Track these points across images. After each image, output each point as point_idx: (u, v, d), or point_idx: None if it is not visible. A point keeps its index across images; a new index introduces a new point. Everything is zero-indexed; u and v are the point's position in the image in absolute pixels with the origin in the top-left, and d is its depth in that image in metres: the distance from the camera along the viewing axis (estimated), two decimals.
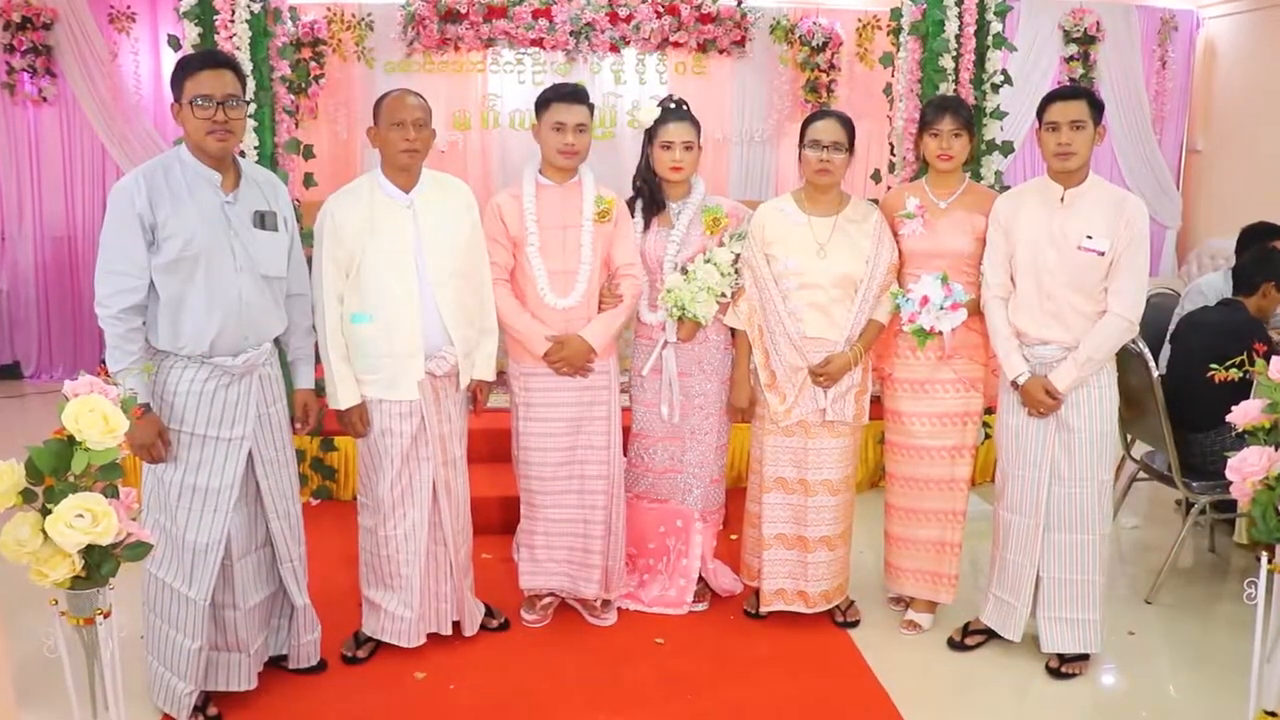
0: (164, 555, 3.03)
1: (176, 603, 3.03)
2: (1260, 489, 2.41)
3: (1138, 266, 3.33)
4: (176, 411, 2.99)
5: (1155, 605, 4.13)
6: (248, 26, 4.62)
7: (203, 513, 3.01)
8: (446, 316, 3.38)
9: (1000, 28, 5.05)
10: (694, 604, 3.94)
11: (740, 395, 3.78)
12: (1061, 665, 3.57)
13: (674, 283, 3.67)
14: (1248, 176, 7.73)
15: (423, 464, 3.44)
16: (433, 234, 3.37)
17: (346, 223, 3.31)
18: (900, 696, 3.41)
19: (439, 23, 7.12)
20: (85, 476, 2.16)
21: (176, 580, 3.02)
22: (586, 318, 3.62)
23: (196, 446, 3.00)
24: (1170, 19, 8.16)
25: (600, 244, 3.63)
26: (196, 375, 2.99)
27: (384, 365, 3.35)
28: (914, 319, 3.53)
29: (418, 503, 3.45)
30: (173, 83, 3.03)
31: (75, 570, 2.17)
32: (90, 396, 2.14)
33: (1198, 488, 4.11)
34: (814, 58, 7.78)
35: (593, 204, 3.61)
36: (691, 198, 3.79)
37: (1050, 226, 3.39)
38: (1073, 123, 3.31)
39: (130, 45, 7.22)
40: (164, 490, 3.02)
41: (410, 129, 3.32)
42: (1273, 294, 4.30)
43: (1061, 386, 3.37)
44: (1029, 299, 3.46)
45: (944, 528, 3.79)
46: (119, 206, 2.93)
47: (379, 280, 3.31)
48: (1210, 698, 3.44)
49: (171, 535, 3.01)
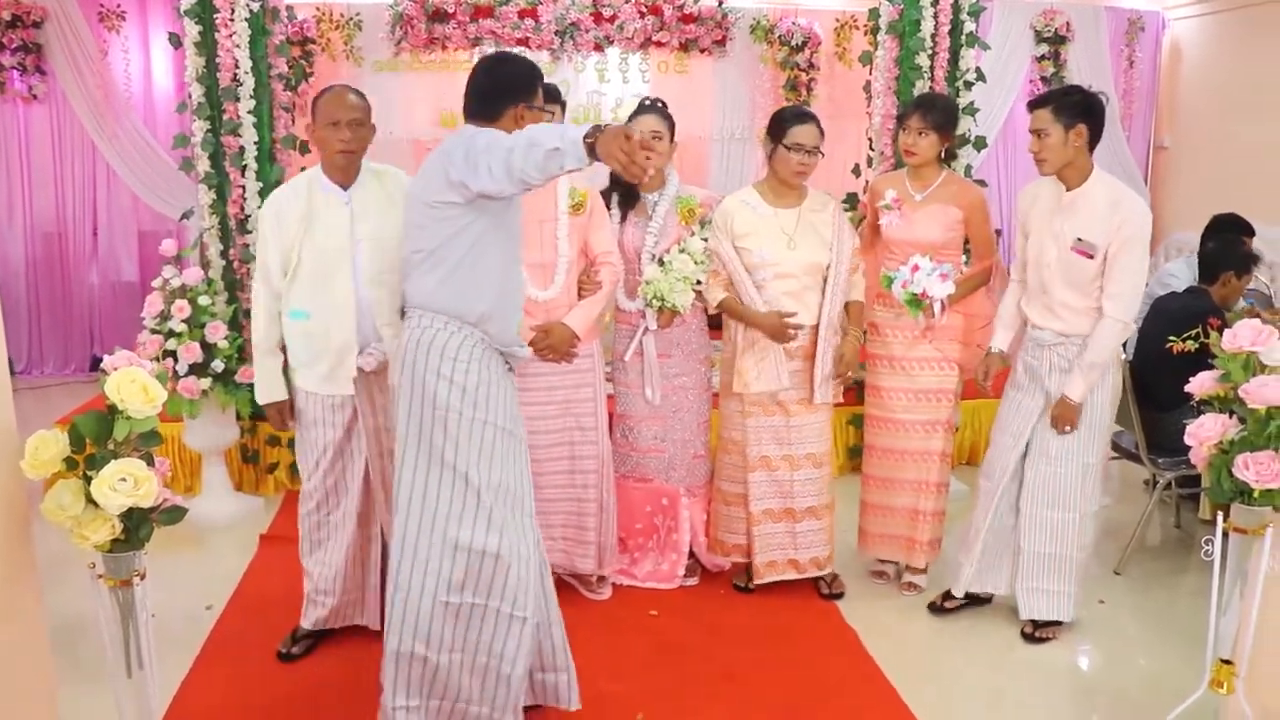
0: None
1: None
2: (1215, 453, 2.60)
3: (1132, 268, 3.44)
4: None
5: (1124, 576, 4.34)
6: (247, 25, 4.74)
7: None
8: (378, 313, 3.35)
9: (974, 27, 5.24)
10: (685, 578, 4.11)
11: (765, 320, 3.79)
12: (1035, 630, 3.77)
13: (652, 274, 3.83)
14: (1212, 172, 7.96)
15: (356, 456, 3.45)
16: (371, 231, 3.33)
17: (286, 220, 3.31)
18: (885, 660, 3.60)
19: (427, 22, 7.25)
20: (125, 444, 2.30)
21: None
22: (568, 306, 3.69)
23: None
24: (1137, 20, 8.39)
25: (576, 235, 3.71)
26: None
27: (322, 360, 3.35)
28: (906, 285, 3.71)
29: (346, 493, 3.48)
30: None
31: (115, 533, 2.31)
32: (131, 369, 2.28)
33: (1164, 464, 4.32)
34: (793, 57, 7.95)
35: (567, 197, 3.69)
36: (666, 189, 3.93)
37: (1053, 224, 3.56)
38: (1038, 131, 3.47)
39: (120, 43, 7.30)
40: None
41: (345, 129, 3.26)
42: (1233, 283, 4.51)
43: (1075, 396, 3.53)
44: (1034, 290, 3.66)
45: (918, 496, 4.01)
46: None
47: (316, 277, 3.31)
48: (1173, 658, 3.64)
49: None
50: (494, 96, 2.88)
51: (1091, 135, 3.45)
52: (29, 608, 2.40)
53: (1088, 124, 3.43)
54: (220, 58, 4.77)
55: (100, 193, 7.51)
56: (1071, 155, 3.45)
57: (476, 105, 2.90)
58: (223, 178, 4.91)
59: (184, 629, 3.76)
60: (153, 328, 4.53)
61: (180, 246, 4.70)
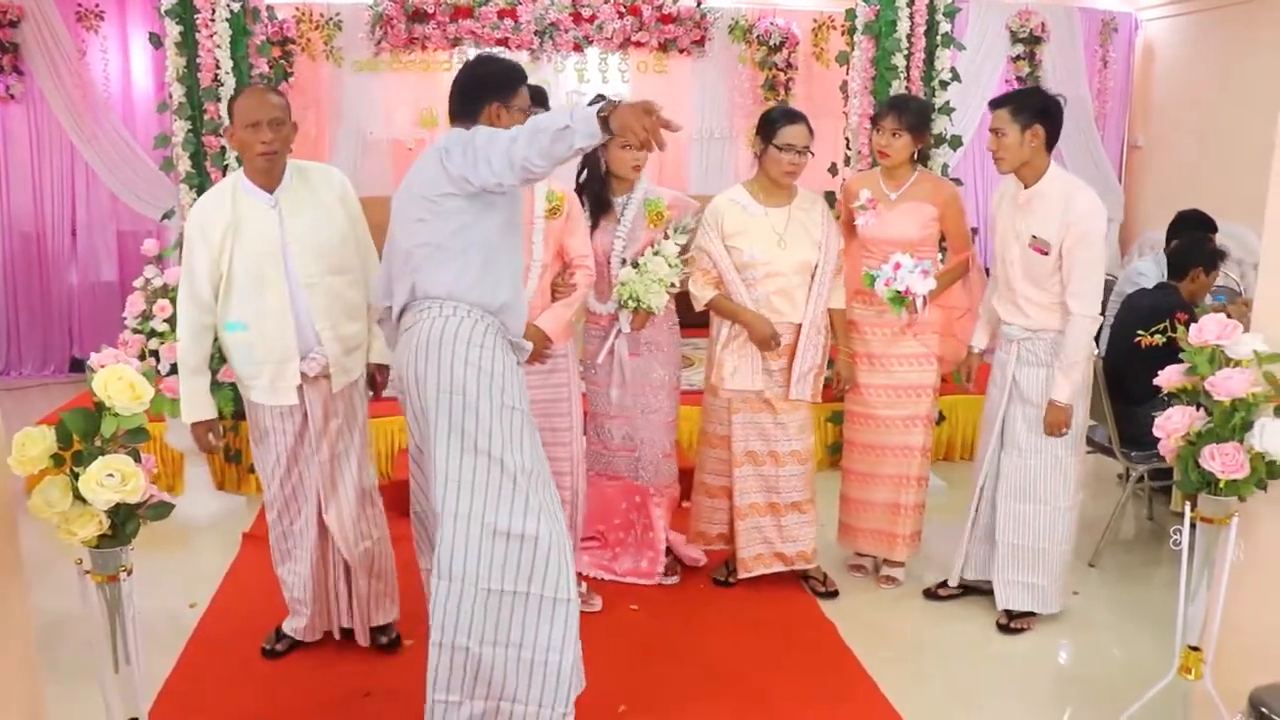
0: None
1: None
2: (1183, 445, 2.66)
3: (1090, 263, 3.51)
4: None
5: (1098, 568, 4.41)
6: (228, 25, 4.76)
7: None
8: (317, 318, 3.25)
9: (949, 28, 5.31)
10: (665, 577, 4.14)
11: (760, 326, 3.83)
12: (1010, 621, 3.83)
13: (627, 276, 3.83)
14: (1185, 170, 8.06)
15: (309, 463, 3.39)
16: (301, 233, 3.23)
17: (212, 230, 3.18)
18: (863, 652, 3.65)
19: (406, 22, 7.27)
20: (113, 441, 2.32)
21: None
22: (540, 309, 3.65)
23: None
24: (1111, 21, 8.49)
25: (551, 239, 3.68)
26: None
27: (263, 371, 3.26)
28: (889, 283, 3.75)
29: (305, 502, 3.43)
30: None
31: (102, 529, 2.33)
32: (118, 366, 2.30)
33: (1136, 457, 4.39)
34: (772, 57, 8.02)
35: (544, 200, 3.65)
36: (635, 193, 3.91)
37: (1014, 222, 3.65)
38: (996, 130, 3.57)
39: (99, 44, 7.29)
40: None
41: (266, 129, 3.14)
42: (1201, 279, 4.60)
43: (1062, 397, 3.59)
44: (1002, 286, 3.75)
45: (898, 491, 4.08)
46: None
47: (248, 286, 3.20)
48: (1146, 647, 3.70)
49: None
50: (472, 95, 2.90)
51: (1048, 136, 3.55)
52: (15, 605, 2.42)
53: (1044, 125, 3.53)
54: (201, 58, 4.79)
55: (79, 193, 7.49)
56: (1028, 155, 3.55)
57: (457, 104, 2.93)
58: (204, 178, 4.92)
59: (168, 627, 3.78)
60: (134, 327, 4.55)
61: (162, 246, 4.71)
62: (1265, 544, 2.69)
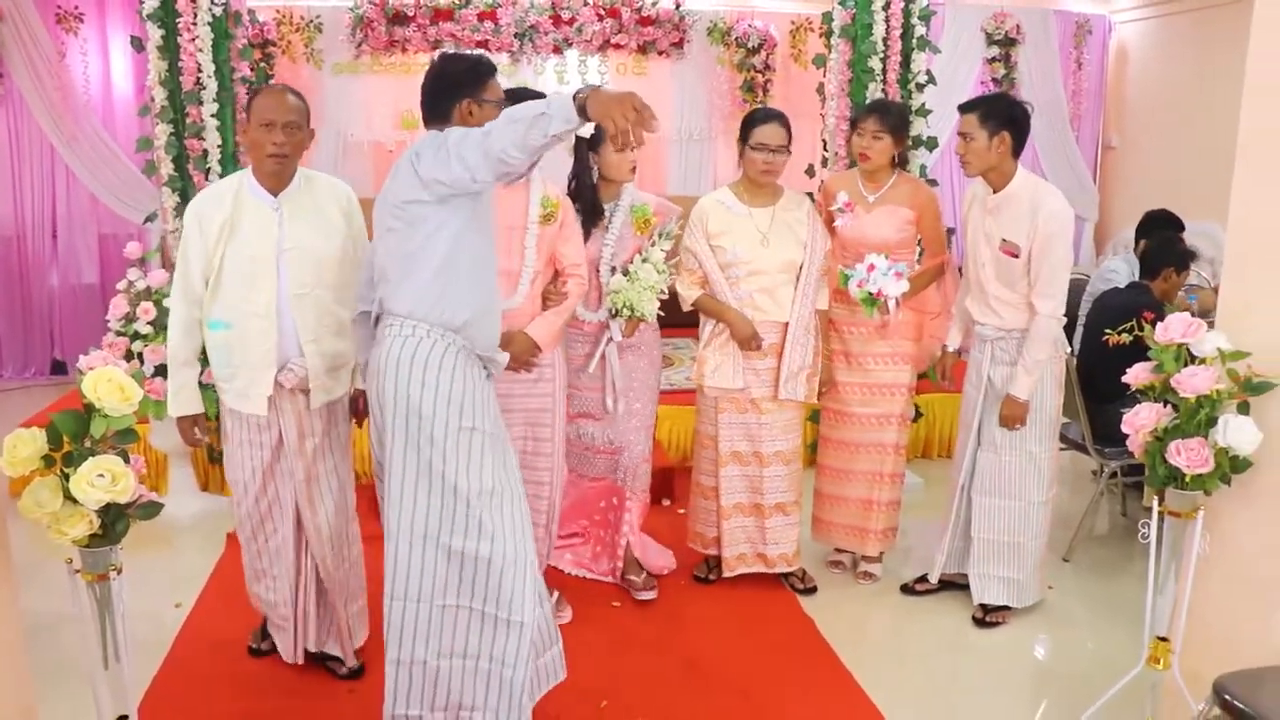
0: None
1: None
2: (1150, 440, 2.73)
3: (1056, 265, 3.59)
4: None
5: (1073, 563, 4.49)
6: (209, 29, 4.78)
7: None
8: (302, 329, 3.16)
9: (924, 31, 5.38)
10: (642, 591, 4.05)
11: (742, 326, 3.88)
12: (985, 615, 3.91)
13: (619, 284, 3.79)
14: (1158, 170, 8.16)
15: (287, 480, 3.27)
16: (299, 241, 3.15)
17: (209, 224, 3.11)
18: (841, 647, 3.71)
19: (386, 25, 7.31)
20: (102, 442, 2.36)
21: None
22: (530, 316, 3.57)
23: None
24: (1085, 23, 8.58)
25: (545, 245, 3.59)
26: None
27: (239, 374, 3.17)
28: (862, 285, 3.79)
29: (280, 522, 3.32)
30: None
31: (92, 529, 2.36)
32: (108, 368, 2.34)
33: (1109, 453, 4.47)
34: (750, 59, 8.08)
35: (539, 205, 3.57)
36: (622, 199, 3.86)
37: (984, 225, 3.73)
38: (963, 134, 3.63)
39: (78, 45, 7.28)
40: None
41: (280, 131, 3.08)
42: (1173, 278, 4.69)
43: (1022, 394, 3.67)
44: (974, 287, 3.81)
45: (871, 487, 4.15)
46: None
47: (238, 286, 3.12)
48: (1119, 639, 3.77)
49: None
50: (441, 94, 2.86)
51: (1015, 143, 3.61)
52: (4, 606, 2.44)
53: (1011, 132, 3.59)
54: (183, 61, 4.81)
55: (59, 195, 7.47)
56: (994, 160, 3.61)
57: (429, 107, 2.89)
58: (186, 181, 4.94)
59: (154, 627, 3.80)
60: (118, 330, 4.56)
61: (144, 249, 4.73)
62: (1229, 537, 2.76)
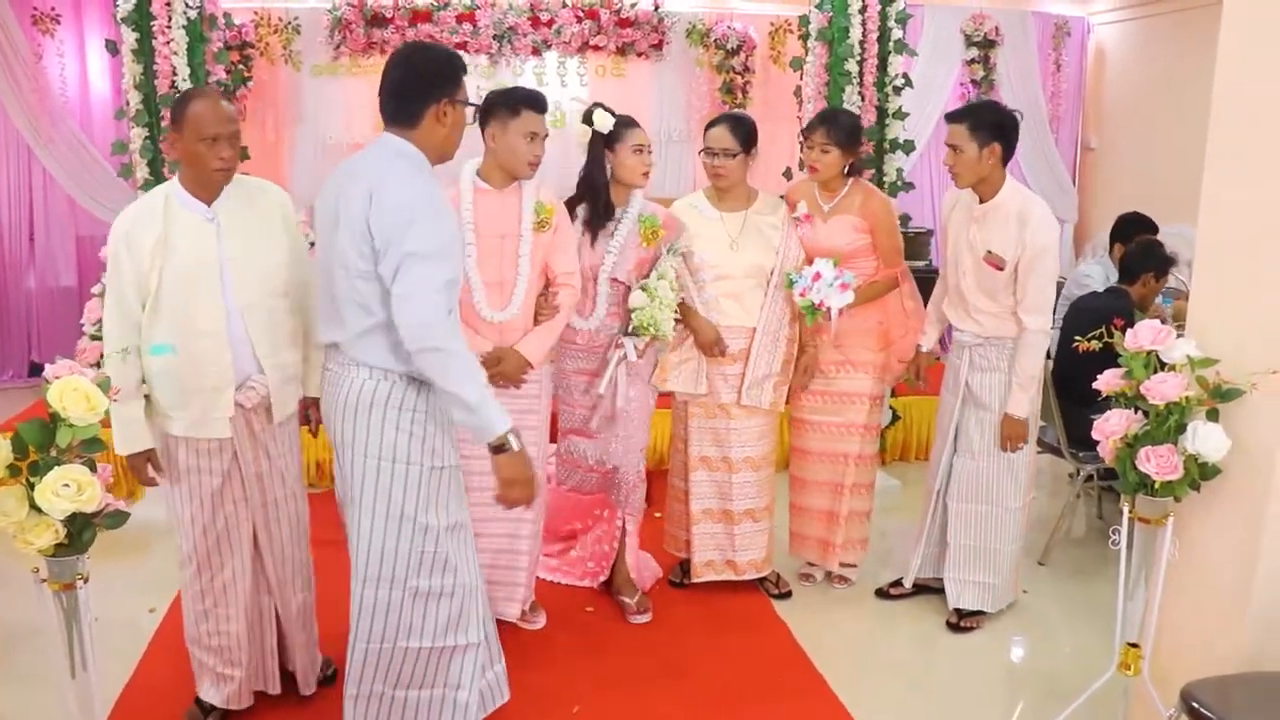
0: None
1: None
2: (1121, 446, 2.74)
3: (1043, 279, 3.56)
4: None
5: (1048, 566, 4.52)
6: (184, 32, 4.76)
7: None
8: (258, 343, 2.96)
9: (901, 34, 5.39)
10: (638, 615, 3.92)
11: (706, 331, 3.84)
12: (960, 620, 3.91)
13: (640, 302, 3.62)
14: (1137, 172, 8.18)
15: (238, 506, 3.06)
16: (241, 250, 2.92)
17: (140, 244, 2.83)
18: (815, 651, 3.73)
19: (365, 27, 7.27)
20: (68, 451, 2.35)
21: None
22: (523, 329, 3.45)
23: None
24: (1063, 25, 8.60)
25: (539, 254, 3.44)
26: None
27: (192, 401, 2.91)
28: (805, 293, 3.74)
29: (236, 549, 3.09)
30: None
31: (59, 538, 2.35)
32: (73, 377, 2.32)
33: (1084, 457, 4.48)
34: (729, 60, 8.07)
35: (532, 212, 3.42)
36: (630, 208, 3.70)
37: (968, 233, 3.70)
38: (952, 146, 3.59)
39: (55, 47, 7.20)
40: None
41: (225, 145, 2.85)
42: (1152, 284, 4.70)
43: (1020, 412, 3.65)
44: (954, 294, 3.80)
45: (832, 499, 4.12)
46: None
47: (179, 306, 2.86)
48: (1093, 643, 3.79)
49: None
50: (413, 93, 2.62)
51: (1005, 153, 3.58)
52: None
53: (1001, 143, 3.56)
54: (158, 64, 4.79)
55: (36, 197, 7.40)
56: (985, 171, 3.59)
57: (394, 106, 2.64)
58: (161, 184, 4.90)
59: (127, 632, 3.79)
60: (93, 334, 4.54)
61: None
62: (1198, 544, 2.78)
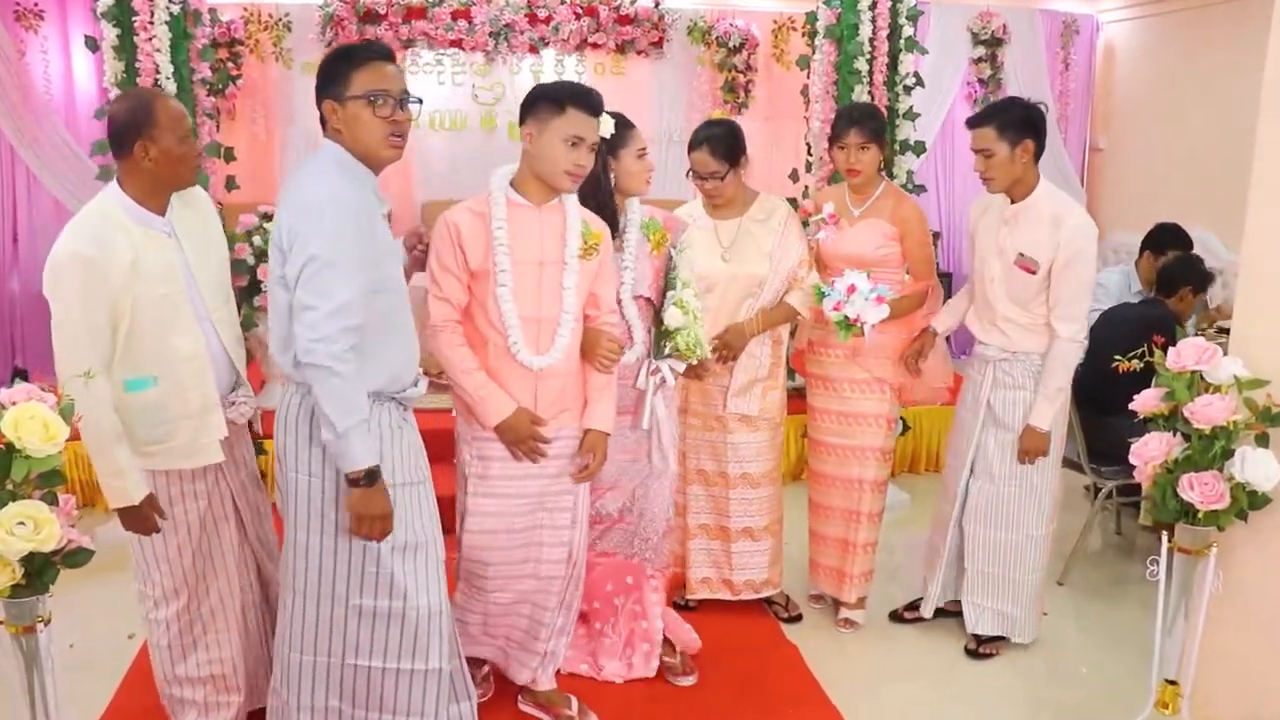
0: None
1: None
2: (1160, 472, 2.56)
3: (1079, 286, 3.34)
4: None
5: (1067, 586, 4.33)
6: (167, 28, 4.57)
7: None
8: (233, 353, 2.83)
9: (912, 31, 5.20)
10: (682, 677, 3.51)
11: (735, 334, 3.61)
12: (979, 646, 3.73)
13: (678, 320, 3.25)
14: (1147, 172, 8.03)
15: (220, 524, 2.90)
16: (198, 259, 2.73)
17: (113, 269, 2.53)
18: (825, 677, 3.56)
19: (357, 24, 7.13)
20: (25, 484, 2.16)
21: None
22: (566, 375, 2.96)
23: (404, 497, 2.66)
24: (1072, 23, 8.44)
25: (584, 286, 2.95)
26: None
27: (179, 431, 2.70)
28: (839, 307, 3.46)
29: (220, 568, 2.92)
30: (332, 76, 2.51)
31: (15, 578, 2.18)
32: (30, 404, 2.14)
33: (1105, 472, 4.31)
34: (731, 58, 7.92)
35: (579, 236, 2.91)
36: (629, 215, 3.32)
37: (998, 238, 3.47)
38: (981, 151, 3.36)
39: (39, 44, 7.03)
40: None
41: (195, 143, 2.71)
42: (1189, 298, 4.53)
43: (1044, 424, 3.43)
44: (979, 305, 3.58)
45: (847, 527, 3.89)
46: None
47: (158, 332, 2.63)
48: (1118, 672, 3.61)
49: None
50: (317, 99, 2.53)
51: (1037, 149, 3.36)
52: None
53: (1033, 138, 3.33)
54: (140, 62, 4.60)
55: (20, 198, 7.20)
56: (1019, 171, 3.35)
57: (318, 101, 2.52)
58: None
59: (107, 657, 3.63)
60: None
61: None
62: (1244, 575, 2.61)
